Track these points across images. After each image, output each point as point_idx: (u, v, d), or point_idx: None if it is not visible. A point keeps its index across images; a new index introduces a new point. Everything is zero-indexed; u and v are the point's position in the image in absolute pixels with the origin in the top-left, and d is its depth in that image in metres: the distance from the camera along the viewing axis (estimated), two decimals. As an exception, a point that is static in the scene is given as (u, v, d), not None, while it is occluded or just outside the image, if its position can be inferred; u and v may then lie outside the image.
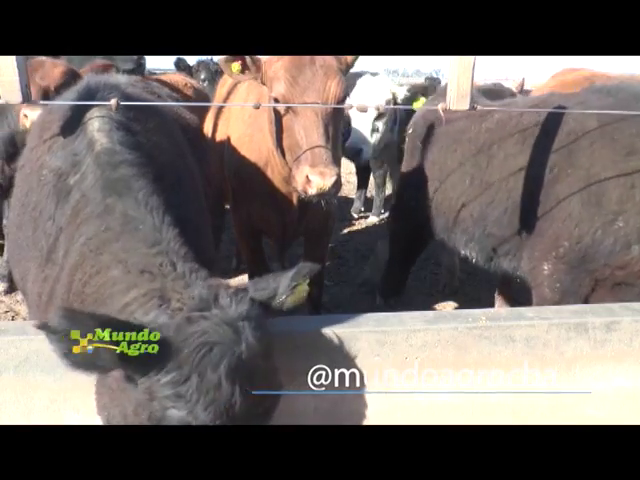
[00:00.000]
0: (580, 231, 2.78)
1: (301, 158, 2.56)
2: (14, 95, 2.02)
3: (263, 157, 3.18)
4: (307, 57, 2.65)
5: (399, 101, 4.56)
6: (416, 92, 4.38)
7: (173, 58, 7.43)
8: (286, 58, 2.67)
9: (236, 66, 2.75)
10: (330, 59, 2.69)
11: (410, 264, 4.58)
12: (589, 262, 2.79)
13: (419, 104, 3.93)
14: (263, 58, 2.78)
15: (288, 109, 2.63)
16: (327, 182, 2.45)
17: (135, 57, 5.02)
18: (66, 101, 2.24)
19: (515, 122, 3.25)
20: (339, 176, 2.50)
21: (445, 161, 3.67)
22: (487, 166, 3.31)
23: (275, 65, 2.70)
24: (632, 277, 2.74)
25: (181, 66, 7.42)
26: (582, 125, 2.91)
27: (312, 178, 2.46)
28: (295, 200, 3.17)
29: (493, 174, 3.25)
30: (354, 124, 5.09)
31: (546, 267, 2.96)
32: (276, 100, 2.70)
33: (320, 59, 2.66)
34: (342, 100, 2.70)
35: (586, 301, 2.86)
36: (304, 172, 2.50)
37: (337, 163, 2.60)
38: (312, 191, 2.49)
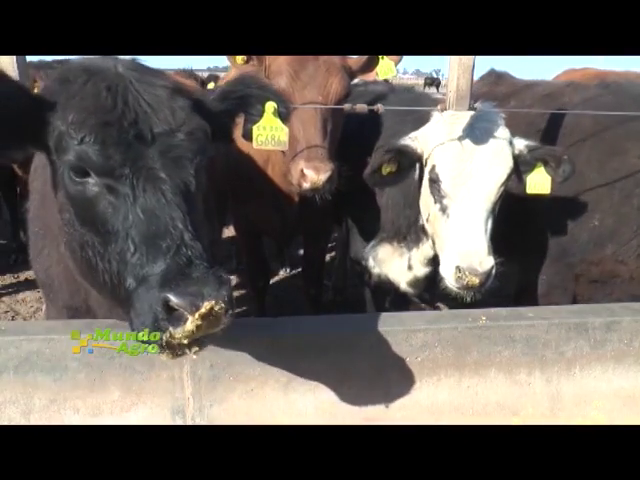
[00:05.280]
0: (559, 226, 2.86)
1: (297, 152, 2.59)
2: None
3: (264, 154, 3.19)
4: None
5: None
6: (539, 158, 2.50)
7: (173, 58, 7.45)
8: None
9: (240, 57, 2.79)
10: (334, 57, 2.70)
11: None
12: (568, 256, 2.86)
13: (537, 178, 2.45)
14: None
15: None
16: (321, 177, 2.49)
17: None
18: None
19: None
20: (334, 172, 2.53)
21: None
22: None
23: (279, 59, 2.72)
24: (605, 275, 2.83)
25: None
26: (577, 122, 2.92)
27: (307, 172, 2.50)
28: (295, 197, 3.17)
29: None
30: None
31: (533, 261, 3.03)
32: None
33: (324, 57, 2.67)
34: (343, 98, 2.71)
35: (572, 296, 2.93)
36: (299, 166, 2.54)
37: (333, 159, 2.61)
38: (306, 185, 2.53)
